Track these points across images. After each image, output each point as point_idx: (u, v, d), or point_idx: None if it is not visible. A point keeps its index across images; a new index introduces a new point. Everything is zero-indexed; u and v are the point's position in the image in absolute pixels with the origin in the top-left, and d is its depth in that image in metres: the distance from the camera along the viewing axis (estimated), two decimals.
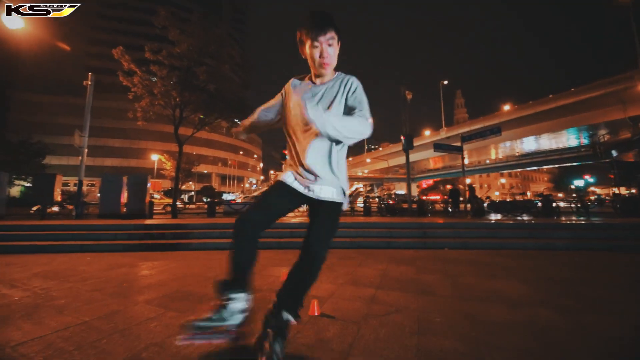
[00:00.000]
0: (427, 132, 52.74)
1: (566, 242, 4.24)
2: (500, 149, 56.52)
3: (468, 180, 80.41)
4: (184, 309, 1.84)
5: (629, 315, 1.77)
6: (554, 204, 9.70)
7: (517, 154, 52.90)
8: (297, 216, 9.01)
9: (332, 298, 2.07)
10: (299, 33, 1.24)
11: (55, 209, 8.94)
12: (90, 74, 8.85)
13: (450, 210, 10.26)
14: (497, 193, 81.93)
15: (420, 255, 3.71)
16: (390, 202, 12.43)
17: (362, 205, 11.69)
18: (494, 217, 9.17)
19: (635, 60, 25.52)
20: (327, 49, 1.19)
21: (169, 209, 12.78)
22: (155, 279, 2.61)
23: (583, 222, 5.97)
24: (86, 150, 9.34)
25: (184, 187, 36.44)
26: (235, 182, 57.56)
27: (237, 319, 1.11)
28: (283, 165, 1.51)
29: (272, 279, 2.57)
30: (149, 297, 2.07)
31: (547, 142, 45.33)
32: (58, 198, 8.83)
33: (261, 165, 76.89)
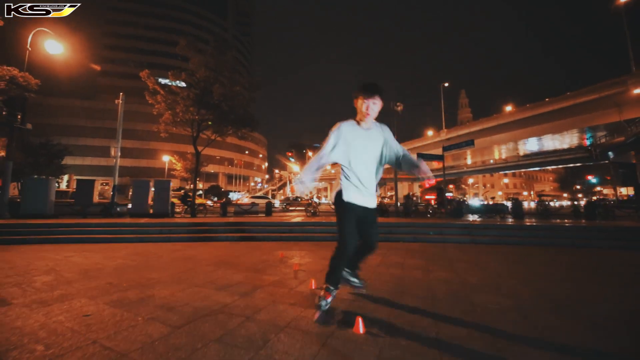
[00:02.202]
0: (430, 133, 53.38)
1: (492, 238, 5.69)
2: (503, 150, 57.05)
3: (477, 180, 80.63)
4: (225, 268, 3.37)
5: (490, 269, 3.23)
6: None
7: (521, 155, 53.35)
8: (296, 217, 10.58)
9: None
10: (356, 92, 1.86)
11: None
12: (121, 93, 10.42)
13: (430, 211, 11.59)
14: (500, 193, 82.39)
15: (386, 245, 5.18)
16: (385, 202, 13.79)
17: None
18: (471, 217, 10.52)
19: (629, 65, 26.41)
20: (371, 106, 1.81)
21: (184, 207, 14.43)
22: (203, 256, 4.16)
23: (510, 223, 7.38)
24: (118, 161, 10.94)
25: (191, 186, 38.31)
26: (241, 181, 59.41)
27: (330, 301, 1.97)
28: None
29: (277, 257, 4.08)
30: (205, 263, 3.61)
31: (550, 143, 45.86)
32: (96, 200, 10.49)
33: (266, 164, 78.62)
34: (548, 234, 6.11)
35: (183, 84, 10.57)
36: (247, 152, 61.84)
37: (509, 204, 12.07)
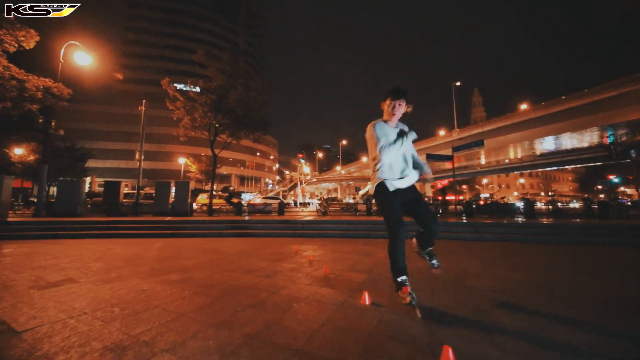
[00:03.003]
0: (441, 132, 52.63)
1: (497, 235, 5.89)
2: (518, 149, 55.55)
3: (489, 181, 78.69)
4: (247, 258, 3.79)
5: (484, 259, 3.53)
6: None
7: (537, 154, 51.83)
8: (307, 215, 10.98)
9: (347, 254, 3.97)
10: (385, 95, 2.12)
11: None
12: (144, 101, 11.13)
13: (440, 211, 11.74)
14: (515, 193, 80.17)
15: (378, 241, 5.52)
16: None
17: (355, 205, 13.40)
18: (481, 217, 10.61)
19: (630, 65, 25.40)
20: (397, 107, 2.07)
21: (204, 207, 15.18)
22: (225, 249, 4.61)
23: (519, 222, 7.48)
24: (142, 164, 11.68)
25: (206, 187, 39.46)
26: (253, 182, 60.51)
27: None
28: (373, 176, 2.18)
29: (293, 250, 4.48)
30: (229, 254, 4.05)
31: (568, 141, 44.47)
32: (122, 199, 11.24)
33: (277, 166, 79.65)
34: (552, 232, 6.24)
35: (198, 89, 11.21)
36: (258, 153, 62.96)
37: (521, 204, 12.05)
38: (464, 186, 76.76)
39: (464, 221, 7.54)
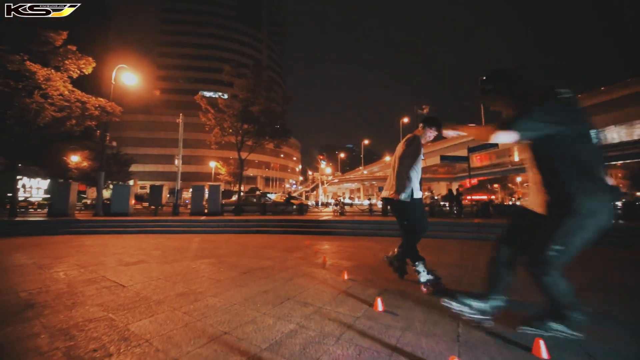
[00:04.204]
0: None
1: (495, 235, 6.31)
2: None
3: (521, 179, 74.19)
4: (267, 249, 4.75)
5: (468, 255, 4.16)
6: None
7: None
8: (325, 216, 11.85)
9: (360, 249, 4.83)
10: (425, 122, 2.62)
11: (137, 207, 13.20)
12: (181, 114, 12.70)
13: (455, 211, 11.99)
14: None
15: (382, 239, 6.22)
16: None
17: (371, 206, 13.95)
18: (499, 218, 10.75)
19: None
20: (430, 135, 2.62)
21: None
22: (250, 242, 5.63)
23: None
24: (180, 168, 13.30)
25: (234, 188, 41.99)
26: (277, 183, 62.73)
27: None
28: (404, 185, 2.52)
29: (305, 244, 5.38)
30: (253, 246, 5.05)
31: (614, 134, 40.87)
32: (164, 201, 12.96)
33: (300, 167, 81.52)
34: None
35: (226, 96, 12.58)
36: (282, 155, 65.12)
37: None
38: (495, 185, 72.94)
39: (465, 222, 7.95)
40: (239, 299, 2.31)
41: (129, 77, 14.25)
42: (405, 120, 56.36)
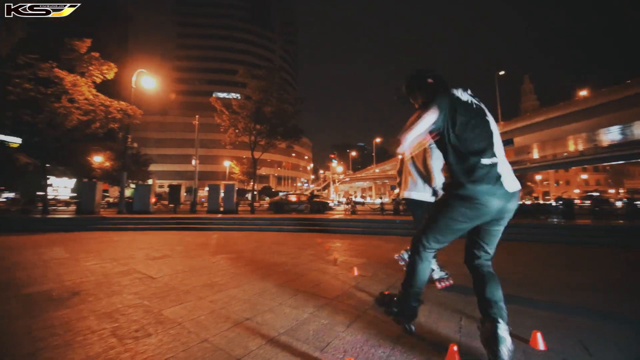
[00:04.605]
0: None
1: (510, 235, 6.27)
2: (579, 140, 49.40)
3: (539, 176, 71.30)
4: (281, 246, 4.96)
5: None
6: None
7: (602, 145, 45.68)
8: (337, 214, 11.98)
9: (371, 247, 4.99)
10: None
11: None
12: (197, 116, 13.16)
13: None
14: (576, 191, 71.25)
15: (391, 237, 6.30)
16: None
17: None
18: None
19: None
20: None
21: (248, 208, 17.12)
22: (265, 239, 5.88)
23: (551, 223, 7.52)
24: (197, 168, 13.80)
25: (246, 187, 42.84)
26: (289, 181, 63.36)
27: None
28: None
29: (316, 242, 5.57)
30: (267, 243, 5.28)
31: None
32: (182, 199, 13.51)
33: (311, 165, 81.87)
34: (572, 233, 6.37)
35: (239, 96, 12.94)
36: (293, 154, 65.66)
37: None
38: None
39: None
40: (257, 290, 2.51)
41: (148, 81, 14.86)
42: None
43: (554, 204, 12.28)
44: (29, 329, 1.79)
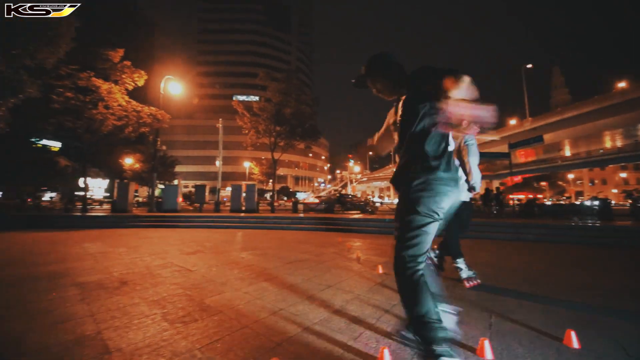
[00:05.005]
0: (512, 122, 46.61)
1: (533, 236, 6.00)
2: (617, 136, 45.76)
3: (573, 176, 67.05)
4: (303, 244, 5.10)
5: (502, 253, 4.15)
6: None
7: None
8: (355, 214, 11.98)
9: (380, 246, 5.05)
10: None
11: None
12: (220, 119, 13.68)
13: (495, 211, 11.39)
14: (614, 191, 66.03)
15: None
16: None
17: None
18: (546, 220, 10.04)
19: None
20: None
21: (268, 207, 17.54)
22: (287, 237, 6.05)
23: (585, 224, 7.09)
24: (221, 169, 14.34)
25: (265, 187, 43.74)
26: (307, 182, 63.87)
27: None
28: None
29: (337, 241, 5.66)
30: (290, 241, 5.45)
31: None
32: (206, 199, 14.13)
33: (328, 165, 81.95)
34: (595, 234, 6.00)
35: (257, 98, 13.28)
36: (311, 155, 66.07)
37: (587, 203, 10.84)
38: (543, 183, 66.74)
39: (504, 222, 7.60)
40: (287, 284, 2.65)
41: (174, 87, 15.62)
42: None
43: (587, 203, 11.52)
44: (91, 312, 2.02)
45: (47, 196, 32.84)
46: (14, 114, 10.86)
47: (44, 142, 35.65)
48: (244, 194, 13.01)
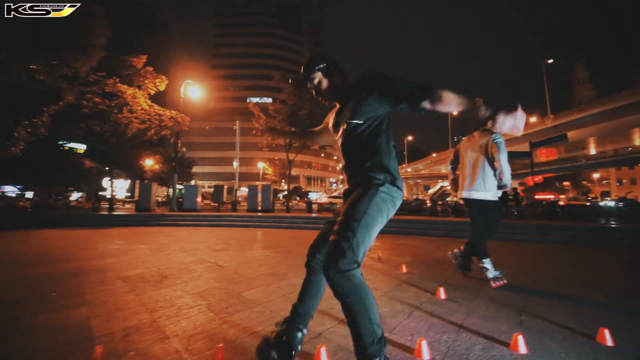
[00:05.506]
0: (532, 119, 44.86)
1: (561, 238, 5.84)
2: None
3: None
4: None
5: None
6: None
7: None
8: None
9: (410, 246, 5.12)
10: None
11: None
12: (237, 122, 14.03)
13: (515, 212, 11.06)
14: None
15: (430, 238, 6.22)
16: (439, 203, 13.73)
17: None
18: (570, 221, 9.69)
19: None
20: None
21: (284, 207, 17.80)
22: (307, 236, 6.19)
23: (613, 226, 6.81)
24: (230, 170, 14.71)
25: (278, 187, 44.27)
26: (319, 182, 64.07)
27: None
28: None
29: None
30: (310, 239, 5.57)
31: None
32: (225, 199, 14.56)
33: (340, 165, 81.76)
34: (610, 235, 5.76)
35: (270, 100, 13.52)
36: (322, 155, 66.24)
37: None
38: (565, 183, 63.91)
39: (527, 223, 7.42)
40: None
41: (193, 91, 16.15)
42: (455, 112, 52.56)
43: (611, 204, 11.00)
44: (141, 302, 2.22)
45: (74, 196, 34.68)
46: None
47: (71, 144, 37.61)
48: (259, 194, 13.30)
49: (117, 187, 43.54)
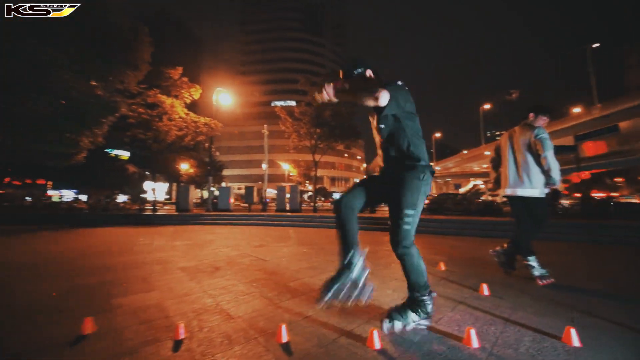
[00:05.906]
0: (576, 110, 40.92)
1: (613, 238, 5.35)
2: None
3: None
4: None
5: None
6: None
7: None
8: None
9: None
10: (535, 111, 2.65)
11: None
12: (265, 126, 14.55)
13: (560, 211, 10.27)
14: None
15: (466, 238, 6.02)
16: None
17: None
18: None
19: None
20: (542, 123, 2.65)
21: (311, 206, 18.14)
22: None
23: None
24: (257, 172, 15.26)
25: (303, 188, 44.94)
26: (343, 182, 63.93)
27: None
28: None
29: (375, 239, 5.77)
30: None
31: None
32: (255, 200, 15.19)
33: (364, 165, 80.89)
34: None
35: (294, 103, 13.82)
36: (346, 155, 66.00)
37: None
38: (618, 179, 57.51)
39: (575, 222, 6.89)
40: None
41: (224, 97, 17.01)
42: (487, 106, 49.65)
43: None
44: (203, 289, 2.50)
45: (120, 198, 38.02)
46: None
47: (117, 152, 41.29)
48: (287, 195, 13.68)
49: (157, 190, 47.06)
